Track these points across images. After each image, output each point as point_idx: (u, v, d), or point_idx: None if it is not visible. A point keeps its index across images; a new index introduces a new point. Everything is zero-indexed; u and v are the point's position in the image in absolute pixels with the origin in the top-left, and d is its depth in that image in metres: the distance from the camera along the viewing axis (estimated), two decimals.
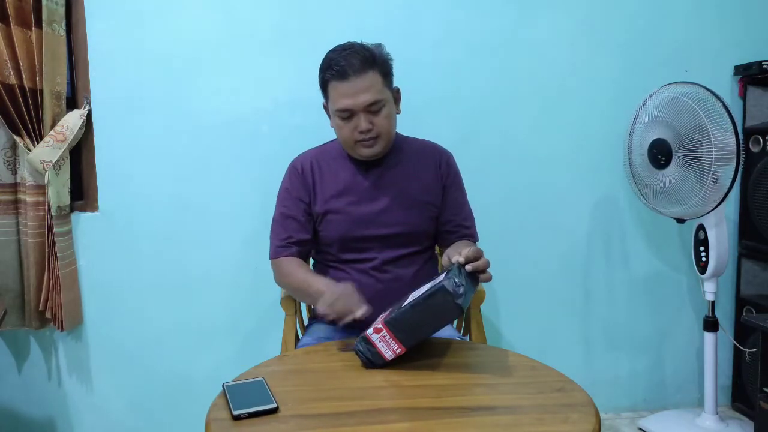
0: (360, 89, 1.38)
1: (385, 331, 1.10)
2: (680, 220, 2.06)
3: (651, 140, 1.98)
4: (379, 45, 1.45)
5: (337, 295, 1.25)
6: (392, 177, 1.53)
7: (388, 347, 1.11)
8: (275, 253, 1.53)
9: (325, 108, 1.52)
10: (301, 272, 1.47)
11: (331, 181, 1.52)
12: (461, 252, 1.18)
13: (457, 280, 1.08)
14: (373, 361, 1.12)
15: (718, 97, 1.85)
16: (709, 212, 1.94)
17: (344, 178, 1.52)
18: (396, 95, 1.50)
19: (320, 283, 1.38)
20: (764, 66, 2.10)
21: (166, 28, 2.04)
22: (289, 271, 1.48)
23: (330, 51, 1.45)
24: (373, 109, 1.40)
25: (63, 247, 2.00)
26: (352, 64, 1.37)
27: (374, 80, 1.39)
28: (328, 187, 1.52)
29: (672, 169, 1.93)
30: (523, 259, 2.26)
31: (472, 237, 1.60)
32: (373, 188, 1.51)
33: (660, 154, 1.94)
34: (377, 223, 1.50)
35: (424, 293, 1.11)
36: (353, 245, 1.50)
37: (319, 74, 1.46)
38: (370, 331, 1.12)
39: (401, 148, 1.56)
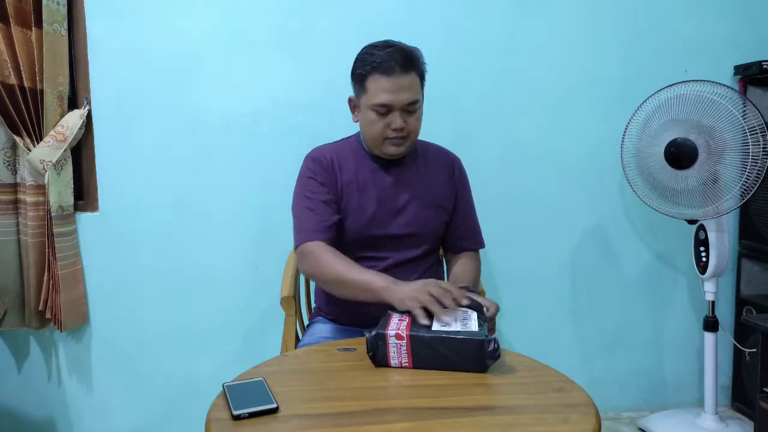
0: (402, 87, 1.39)
1: (406, 342, 1.09)
2: (691, 221, 2.05)
3: (668, 140, 1.92)
4: (417, 48, 1.45)
5: (420, 286, 1.21)
6: (410, 177, 1.53)
7: (398, 356, 1.10)
8: (305, 238, 1.42)
9: (351, 102, 1.52)
10: (340, 263, 1.37)
11: (351, 177, 1.51)
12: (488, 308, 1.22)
13: (497, 344, 1.08)
14: (375, 357, 1.11)
15: (746, 97, 1.86)
16: (732, 210, 1.92)
17: (364, 175, 1.51)
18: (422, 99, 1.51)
19: (374, 277, 1.31)
20: (764, 66, 2.10)
21: (166, 28, 2.04)
22: (326, 261, 1.38)
23: (369, 46, 1.44)
24: (410, 108, 1.42)
25: (66, 247, 2.00)
26: (397, 61, 1.38)
27: (414, 81, 1.41)
28: (348, 182, 1.50)
29: (697, 169, 1.89)
30: (523, 259, 2.26)
31: (479, 244, 1.63)
32: (393, 187, 1.51)
33: (681, 154, 1.89)
34: (395, 222, 1.50)
35: (463, 333, 1.09)
36: (369, 243, 1.50)
37: (358, 66, 1.44)
38: (392, 333, 1.09)
39: (417, 151, 1.58)
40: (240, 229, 2.13)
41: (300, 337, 1.63)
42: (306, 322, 1.74)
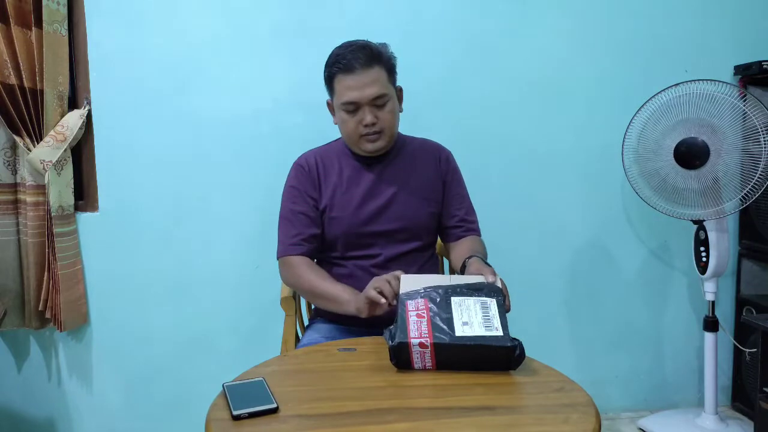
0: (366, 82, 1.40)
1: (430, 350, 1.08)
2: (696, 221, 2.05)
3: (676, 140, 1.92)
4: (384, 44, 1.48)
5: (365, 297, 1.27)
6: (394, 173, 1.54)
7: (422, 361, 1.09)
8: (285, 251, 1.51)
9: (329, 105, 1.54)
10: (314, 275, 1.45)
11: (335, 178, 1.53)
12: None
13: (522, 349, 1.09)
14: (398, 363, 1.10)
15: (754, 97, 1.87)
16: (738, 210, 1.94)
17: (348, 175, 1.53)
18: (399, 94, 1.53)
19: (341, 290, 1.39)
20: (764, 66, 2.10)
21: (166, 28, 2.04)
22: (301, 273, 1.46)
23: (336, 48, 1.47)
24: (378, 102, 1.43)
25: (66, 247, 2.00)
26: (358, 58, 1.40)
27: (380, 75, 1.43)
28: (333, 183, 1.53)
29: (708, 168, 1.89)
30: (523, 259, 2.26)
31: (476, 231, 1.62)
32: (376, 184, 1.52)
33: (692, 153, 1.90)
34: (381, 218, 1.51)
35: (488, 339, 1.08)
36: (357, 241, 1.51)
37: (325, 69, 1.47)
38: (415, 342, 1.08)
39: (402, 146, 1.59)
40: (240, 229, 2.13)
41: (300, 337, 1.63)
42: (306, 322, 1.74)
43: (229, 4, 2.06)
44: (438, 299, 1.15)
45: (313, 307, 1.73)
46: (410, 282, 1.21)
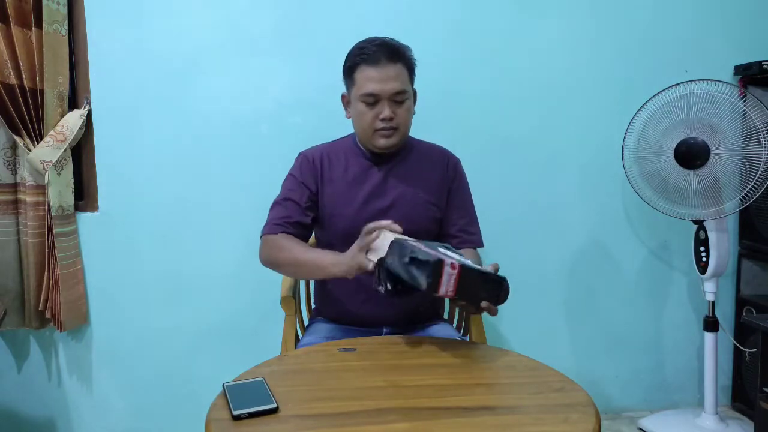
0: (389, 76, 1.41)
1: (457, 272, 1.08)
2: (697, 221, 2.05)
3: (677, 140, 1.93)
4: (407, 46, 1.49)
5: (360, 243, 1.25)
6: (401, 174, 1.54)
7: (448, 285, 1.08)
8: (270, 230, 1.48)
9: (343, 99, 1.54)
10: (296, 246, 1.42)
11: (341, 173, 1.53)
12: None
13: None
14: (431, 285, 1.07)
15: (755, 97, 1.87)
16: (739, 209, 1.96)
17: (354, 171, 1.53)
18: (414, 96, 1.53)
19: (324, 253, 1.37)
20: (764, 66, 2.10)
21: (166, 28, 2.04)
22: (282, 246, 1.42)
23: (359, 42, 1.48)
24: (397, 99, 1.44)
25: (66, 247, 2.00)
26: (383, 52, 1.41)
27: (401, 71, 1.44)
28: (337, 178, 1.52)
29: (708, 168, 1.89)
30: (523, 259, 2.26)
31: (474, 244, 1.61)
32: (382, 183, 1.52)
33: (692, 153, 1.90)
34: (385, 218, 1.49)
35: (488, 271, 1.14)
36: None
37: (347, 60, 1.47)
38: (448, 261, 1.07)
39: (412, 148, 1.59)
40: (240, 230, 2.12)
41: (300, 337, 1.63)
42: (306, 322, 1.74)
43: (230, 5, 2.06)
44: (423, 242, 1.18)
45: (313, 306, 1.73)
46: (388, 237, 1.22)
